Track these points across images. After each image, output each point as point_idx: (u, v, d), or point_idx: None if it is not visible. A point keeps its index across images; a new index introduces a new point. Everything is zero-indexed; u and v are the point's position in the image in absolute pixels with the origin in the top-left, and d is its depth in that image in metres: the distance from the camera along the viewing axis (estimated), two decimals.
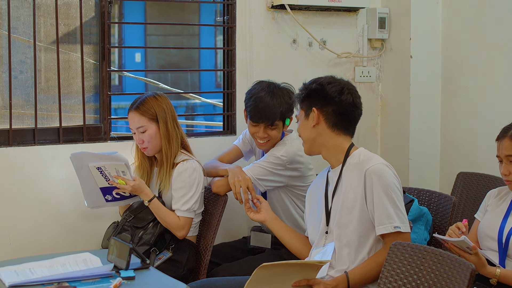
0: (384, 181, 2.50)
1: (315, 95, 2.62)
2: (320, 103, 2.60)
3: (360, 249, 2.55)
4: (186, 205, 3.08)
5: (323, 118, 2.60)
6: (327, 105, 2.60)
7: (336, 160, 2.65)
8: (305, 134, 2.66)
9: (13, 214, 3.33)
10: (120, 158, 2.96)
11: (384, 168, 2.54)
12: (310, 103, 2.62)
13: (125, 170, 2.97)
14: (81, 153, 3.02)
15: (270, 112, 3.15)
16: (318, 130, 2.61)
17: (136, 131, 3.13)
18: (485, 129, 3.80)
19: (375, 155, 2.63)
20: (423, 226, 2.94)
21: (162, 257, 3.07)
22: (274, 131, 3.19)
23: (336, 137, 2.62)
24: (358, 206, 2.54)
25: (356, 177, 2.56)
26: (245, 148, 3.49)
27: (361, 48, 4.21)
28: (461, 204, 3.64)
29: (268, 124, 3.17)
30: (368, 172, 2.52)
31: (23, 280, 2.33)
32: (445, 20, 4.11)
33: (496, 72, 3.83)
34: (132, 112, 3.14)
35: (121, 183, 2.98)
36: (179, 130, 3.19)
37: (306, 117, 2.64)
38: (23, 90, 3.44)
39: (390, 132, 4.26)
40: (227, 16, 3.87)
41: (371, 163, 2.54)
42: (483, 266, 2.54)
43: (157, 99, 3.15)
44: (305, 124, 2.64)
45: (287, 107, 3.18)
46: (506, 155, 2.66)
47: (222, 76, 3.97)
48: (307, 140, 2.66)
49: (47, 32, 3.49)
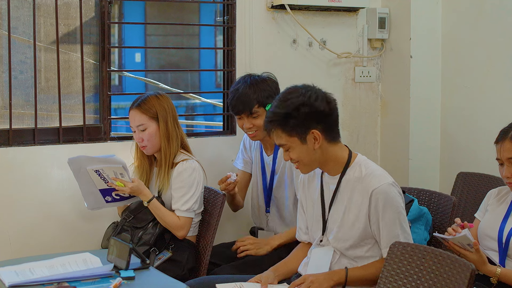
0: (391, 205, 2.48)
1: (310, 118, 2.49)
2: (315, 122, 2.49)
3: (358, 260, 2.56)
4: (186, 205, 3.08)
5: (322, 136, 2.51)
6: (321, 121, 2.50)
7: (334, 170, 2.60)
8: (308, 158, 2.54)
9: (13, 214, 3.33)
10: (118, 160, 2.96)
11: (391, 189, 2.49)
12: (306, 128, 2.48)
13: (123, 172, 2.97)
14: (79, 157, 3.02)
15: (246, 101, 3.16)
16: (321, 149, 2.52)
17: (136, 129, 3.13)
18: (485, 129, 3.80)
19: (378, 169, 2.56)
20: (423, 226, 2.94)
21: (162, 257, 3.06)
22: (258, 119, 3.19)
23: (335, 147, 2.56)
24: (362, 224, 2.52)
25: (359, 193, 2.52)
26: (248, 166, 3.50)
27: (361, 48, 4.21)
28: (461, 204, 3.64)
29: (248, 113, 3.18)
30: (374, 193, 2.47)
31: (23, 280, 2.34)
32: (445, 20, 4.10)
33: (496, 72, 3.82)
34: (133, 110, 3.14)
35: (120, 185, 2.98)
36: (179, 130, 3.19)
37: (303, 143, 2.50)
38: (23, 90, 3.44)
39: (390, 132, 4.26)
40: (227, 16, 3.87)
41: (376, 182, 2.49)
42: (484, 264, 2.54)
43: (159, 98, 3.15)
44: (304, 149, 2.51)
45: (263, 93, 3.18)
46: (507, 158, 2.64)
47: (222, 76, 3.97)
48: (310, 163, 2.56)
49: (47, 32, 3.49)
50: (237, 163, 3.53)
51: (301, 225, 2.80)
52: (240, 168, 3.50)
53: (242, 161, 3.51)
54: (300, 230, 2.80)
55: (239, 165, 3.52)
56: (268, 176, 3.35)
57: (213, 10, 4.32)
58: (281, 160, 3.28)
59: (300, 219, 2.81)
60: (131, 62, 13.34)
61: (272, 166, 3.32)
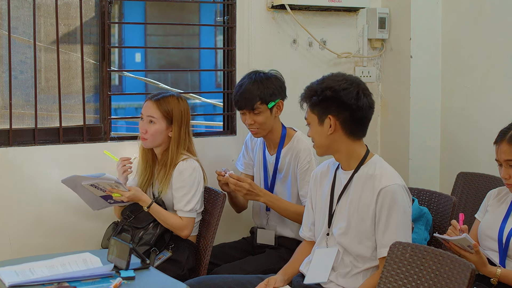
0: (397, 205, 2.48)
1: (331, 102, 2.54)
2: (336, 110, 2.53)
3: (362, 257, 2.56)
4: (188, 205, 3.08)
5: (340, 125, 2.54)
6: (344, 112, 2.53)
7: (348, 164, 2.62)
8: (320, 141, 2.60)
9: (13, 214, 3.33)
10: (109, 177, 2.95)
11: (399, 190, 2.50)
12: (325, 110, 2.54)
13: (117, 185, 2.98)
14: (72, 177, 3.01)
15: (248, 97, 3.17)
16: (334, 137, 2.56)
17: (146, 118, 3.13)
18: (485, 129, 3.79)
19: (391, 170, 2.58)
20: (423, 226, 2.94)
21: (162, 257, 3.06)
22: (260, 116, 3.19)
23: (351, 143, 2.58)
24: (368, 221, 2.52)
25: (369, 190, 2.53)
26: (249, 169, 3.49)
27: (361, 48, 4.21)
28: (461, 204, 3.63)
29: (250, 109, 3.18)
30: (383, 191, 2.49)
31: (23, 280, 2.33)
32: (445, 20, 4.10)
33: (496, 72, 3.82)
34: (151, 101, 3.14)
35: (117, 196, 2.99)
36: (189, 137, 3.19)
37: (320, 123, 2.56)
38: (23, 90, 3.44)
39: (390, 132, 4.26)
40: (227, 16, 3.87)
41: (386, 181, 2.50)
42: (484, 265, 2.54)
43: (179, 101, 3.16)
44: (319, 130, 2.57)
45: (267, 90, 3.19)
46: (505, 160, 2.64)
47: (222, 76, 3.97)
48: (322, 146, 2.61)
49: (47, 32, 3.49)
50: (238, 164, 3.53)
51: (307, 221, 2.81)
52: (242, 171, 3.50)
53: (243, 164, 3.51)
54: (305, 226, 2.81)
55: (240, 167, 3.51)
56: (270, 175, 3.35)
57: (213, 10, 4.32)
58: (285, 159, 3.28)
59: (306, 215, 2.82)
60: (131, 62, 13.36)
61: (274, 165, 3.32)
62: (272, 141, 3.34)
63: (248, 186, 3.11)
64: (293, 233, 3.27)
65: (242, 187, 3.11)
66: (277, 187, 3.33)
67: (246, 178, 3.16)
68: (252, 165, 3.48)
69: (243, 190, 3.12)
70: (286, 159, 3.28)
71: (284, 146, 3.29)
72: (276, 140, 3.31)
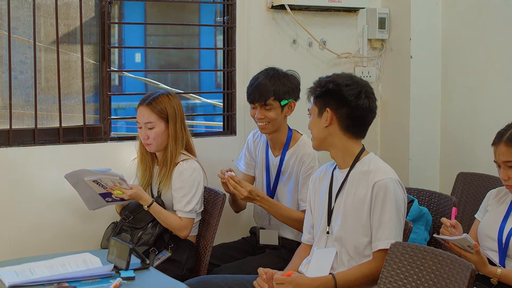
0: (390, 198, 2.50)
1: (331, 95, 2.59)
2: (335, 104, 2.58)
3: (359, 253, 2.56)
4: (188, 206, 3.08)
5: (336, 119, 2.59)
6: (342, 107, 2.58)
7: (344, 162, 2.64)
8: (316, 132, 2.64)
9: (13, 214, 3.33)
10: (115, 173, 2.96)
11: (393, 184, 2.52)
12: (325, 102, 2.60)
13: (121, 182, 2.98)
14: (78, 171, 3.02)
15: (263, 90, 3.16)
16: (329, 131, 2.60)
17: (144, 126, 3.13)
18: (485, 129, 3.79)
19: (385, 166, 2.61)
20: (423, 226, 2.94)
21: (161, 257, 3.06)
22: (271, 112, 3.18)
23: (347, 140, 2.62)
24: (364, 216, 2.54)
25: (363, 186, 2.55)
26: (251, 169, 3.48)
27: (361, 48, 4.21)
28: (461, 204, 3.64)
29: (262, 104, 3.17)
30: (376, 185, 2.51)
31: (23, 280, 2.33)
32: (445, 20, 4.10)
33: (496, 72, 3.82)
34: (143, 106, 3.14)
35: (118, 193, 2.99)
36: (185, 132, 3.19)
37: (319, 115, 2.61)
38: (23, 90, 3.44)
39: (390, 132, 4.26)
40: (227, 16, 3.87)
41: (380, 176, 2.53)
42: (484, 265, 2.54)
43: (170, 98, 3.15)
44: (317, 122, 2.62)
45: (282, 88, 3.18)
46: (503, 161, 2.65)
47: (222, 76, 3.97)
48: (317, 138, 2.65)
49: (47, 33, 3.49)
50: (239, 165, 3.52)
51: (306, 224, 2.82)
52: (243, 171, 3.49)
53: (245, 164, 3.50)
54: (305, 229, 2.82)
55: (242, 168, 3.51)
56: (272, 176, 3.34)
57: (213, 10, 4.32)
58: (290, 162, 3.26)
59: (306, 219, 2.83)
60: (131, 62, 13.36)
61: (278, 167, 3.31)
62: (277, 142, 3.32)
63: (247, 194, 3.10)
64: (293, 235, 3.26)
65: (241, 193, 3.11)
66: (279, 189, 3.32)
67: (246, 185, 3.13)
68: (254, 165, 3.47)
69: (241, 196, 3.12)
70: (290, 161, 3.26)
71: (289, 148, 3.28)
72: (282, 141, 3.30)
